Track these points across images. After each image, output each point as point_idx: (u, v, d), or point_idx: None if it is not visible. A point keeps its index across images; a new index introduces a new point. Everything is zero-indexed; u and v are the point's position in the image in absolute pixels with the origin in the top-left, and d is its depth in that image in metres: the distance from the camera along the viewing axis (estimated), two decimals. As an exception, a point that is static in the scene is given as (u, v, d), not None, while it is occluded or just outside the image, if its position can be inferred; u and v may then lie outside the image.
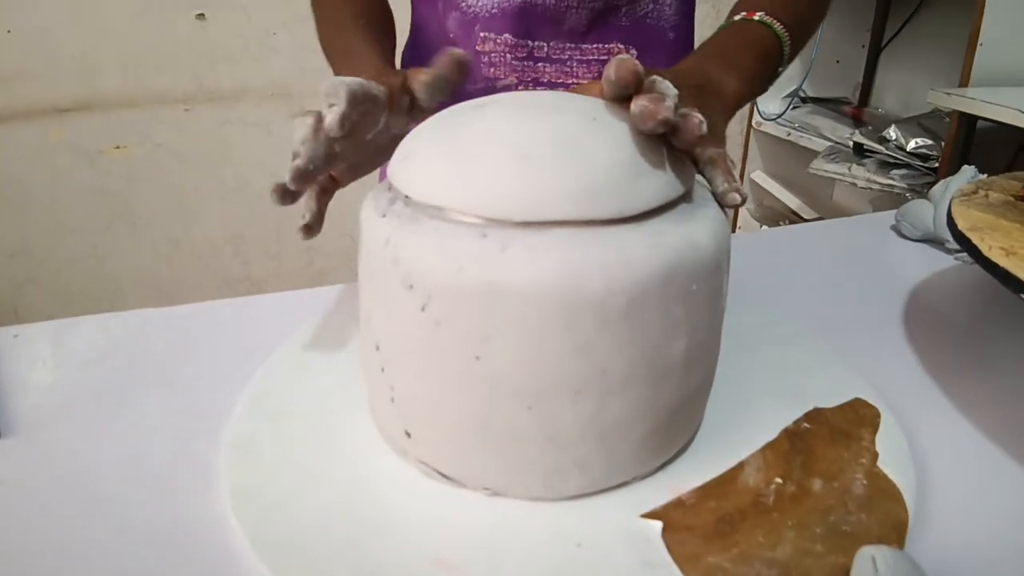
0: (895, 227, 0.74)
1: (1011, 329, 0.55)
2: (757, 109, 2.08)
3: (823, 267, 0.67)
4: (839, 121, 1.87)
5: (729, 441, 0.40)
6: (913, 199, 0.76)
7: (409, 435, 0.37)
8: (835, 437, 0.41)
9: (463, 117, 0.37)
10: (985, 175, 0.68)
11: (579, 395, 0.33)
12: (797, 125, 1.96)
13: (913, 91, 1.91)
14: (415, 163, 0.35)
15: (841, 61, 2.07)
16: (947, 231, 0.53)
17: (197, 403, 0.45)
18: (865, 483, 0.37)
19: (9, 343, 0.51)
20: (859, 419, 0.42)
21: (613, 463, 0.36)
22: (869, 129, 1.68)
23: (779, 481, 0.37)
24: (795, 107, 2.02)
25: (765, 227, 2.09)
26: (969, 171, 0.70)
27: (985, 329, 0.57)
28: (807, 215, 2.00)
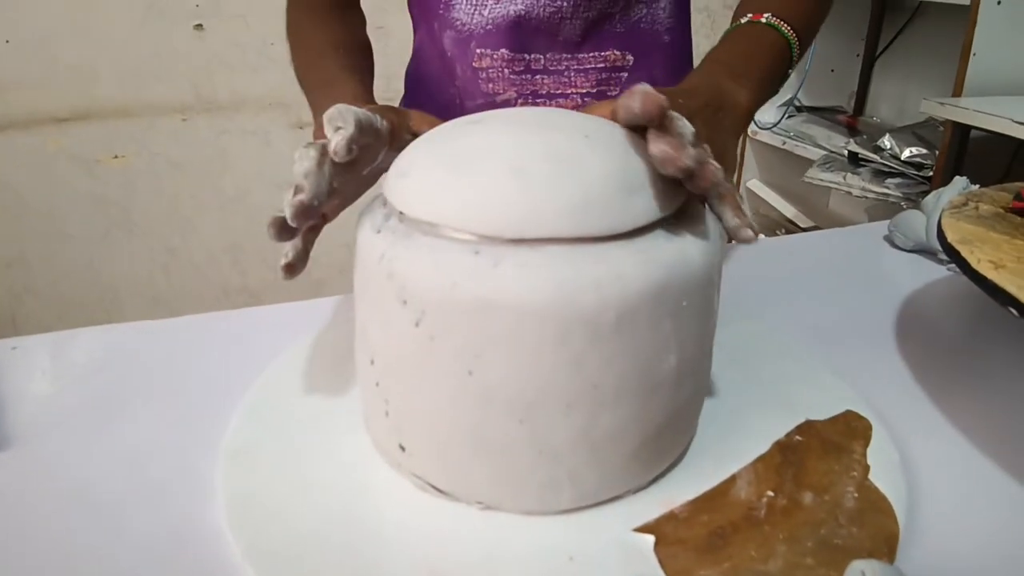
0: (888, 237, 0.75)
1: (1003, 341, 0.56)
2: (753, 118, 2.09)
3: (815, 278, 0.68)
4: (834, 130, 1.88)
5: (721, 454, 0.41)
6: (908, 208, 0.76)
7: (403, 449, 0.37)
8: (827, 450, 0.41)
9: (457, 134, 0.37)
10: (977, 186, 0.68)
11: (571, 409, 0.34)
12: (792, 134, 1.97)
13: (907, 100, 1.93)
14: (409, 180, 0.36)
15: (836, 70, 2.09)
16: (938, 242, 0.54)
17: (194, 415, 0.45)
18: (856, 496, 0.37)
19: (8, 355, 0.52)
20: (851, 432, 0.42)
21: (605, 477, 0.36)
22: (864, 138, 1.69)
23: (771, 494, 0.37)
24: (790, 116, 2.03)
25: (761, 236, 2.10)
26: (961, 182, 0.71)
27: (977, 341, 0.57)
28: (803, 223, 2.01)
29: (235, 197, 1.81)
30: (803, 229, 1.97)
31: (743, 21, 0.56)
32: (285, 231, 0.37)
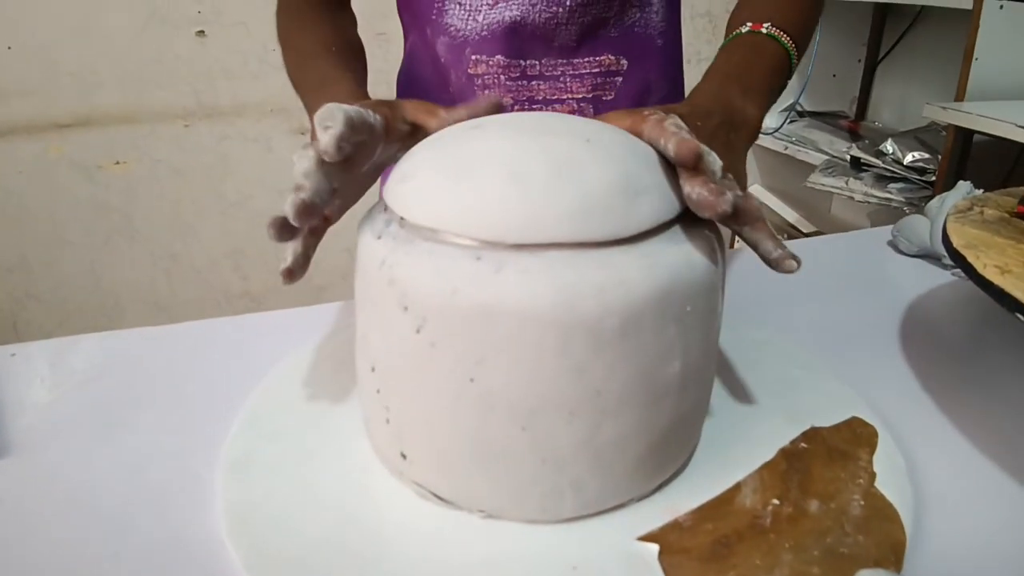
0: (892, 242, 0.75)
1: (1009, 347, 0.55)
2: (754, 123, 2.08)
3: (820, 283, 0.67)
4: (836, 135, 1.88)
5: (726, 461, 0.40)
6: (910, 212, 0.76)
7: (405, 456, 0.37)
8: (832, 457, 0.40)
9: (458, 140, 0.37)
10: (981, 190, 0.68)
11: (574, 416, 0.33)
12: (794, 139, 1.96)
13: (909, 105, 1.92)
14: (410, 185, 0.36)
15: (838, 75, 2.08)
16: (943, 247, 0.53)
17: (194, 422, 0.45)
18: (863, 504, 0.37)
19: (7, 362, 0.51)
20: (856, 438, 0.42)
21: (608, 485, 0.36)
22: (866, 143, 1.69)
23: (776, 502, 0.37)
24: (792, 121, 2.03)
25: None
26: (965, 186, 0.71)
27: (982, 346, 0.57)
28: (805, 228, 2.01)
29: (236, 203, 1.81)
30: (805, 234, 1.97)
31: (744, 30, 0.55)
32: (286, 230, 0.36)
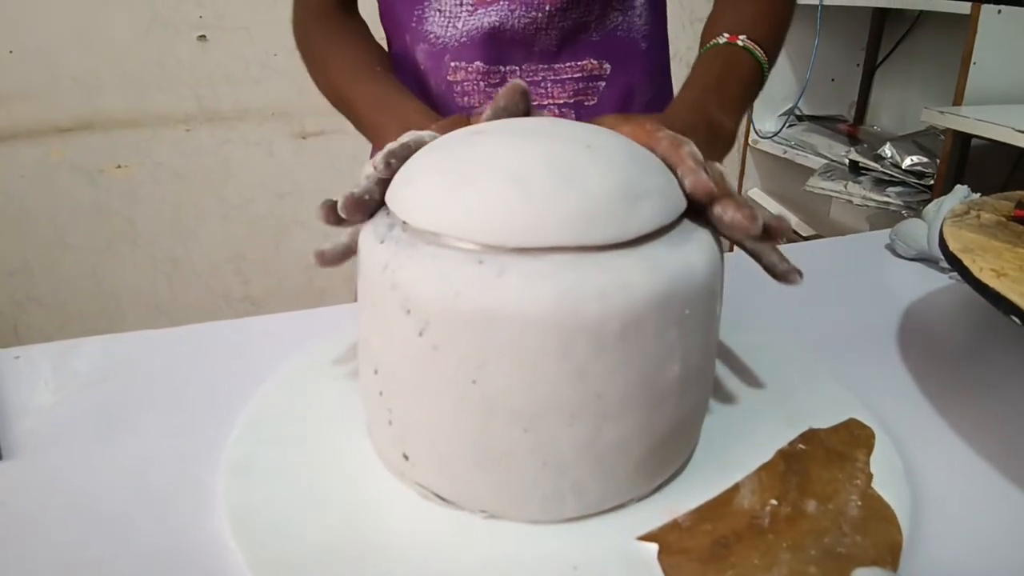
0: (889, 246, 0.75)
1: (1005, 350, 0.56)
2: (753, 127, 2.10)
3: (818, 286, 0.68)
4: (835, 139, 1.89)
5: (725, 463, 0.40)
6: (909, 216, 0.76)
7: (407, 458, 0.37)
8: (830, 458, 0.41)
9: (459, 145, 0.37)
10: (979, 194, 0.68)
11: (575, 419, 0.34)
12: (793, 143, 1.97)
13: (908, 109, 1.93)
14: (413, 190, 0.36)
15: (836, 79, 2.09)
16: (940, 251, 0.54)
17: (197, 425, 0.45)
18: (860, 504, 0.37)
19: (10, 365, 0.52)
20: (854, 440, 0.42)
21: (609, 486, 0.36)
22: (865, 147, 1.70)
23: (774, 503, 0.37)
24: (791, 125, 2.04)
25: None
26: (962, 191, 0.71)
27: (980, 349, 0.57)
28: (804, 232, 2.01)
29: (238, 207, 1.81)
30: (804, 238, 1.97)
31: (721, 41, 0.56)
32: (332, 216, 0.39)
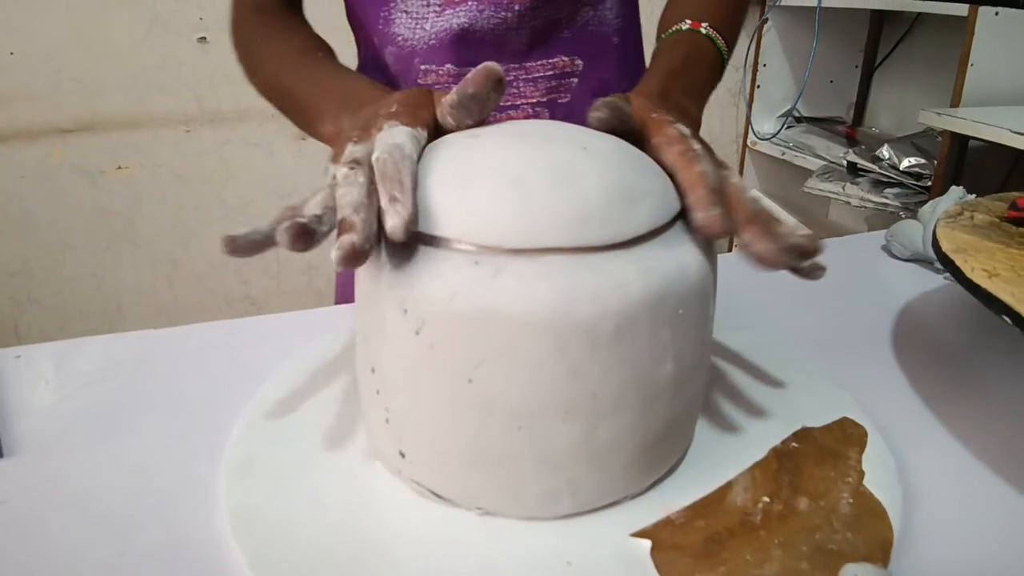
0: (885, 247, 0.75)
1: (997, 349, 0.56)
2: (752, 128, 2.10)
3: (813, 286, 0.68)
4: (833, 140, 1.89)
5: (718, 461, 0.41)
6: (906, 217, 0.77)
7: (404, 456, 0.38)
8: (823, 456, 0.41)
9: (456, 148, 0.38)
10: (974, 195, 0.69)
11: (570, 417, 0.34)
12: (792, 144, 1.97)
13: (906, 111, 1.94)
14: (410, 191, 0.36)
15: (835, 81, 2.10)
16: (933, 251, 0.54)
17: (198, 424, 0.45)
18: (852, 502, 0.38)
19: (11, 364, 0.52)
20: (847, 438, 0.43)
21: (604, 483, 0.37)
22: (863, 148, 1.70)
23: (767, 500, 0.38)
24: (789, 127, 2.04)
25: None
26: (957, 192, 0.71)
27: (972, 349, 0.58)
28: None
29: (238, 208, 1.82)
30: (803, 239, 1.98)
31: (684, 27, 0.56)
32: (301, 241, 0.32)
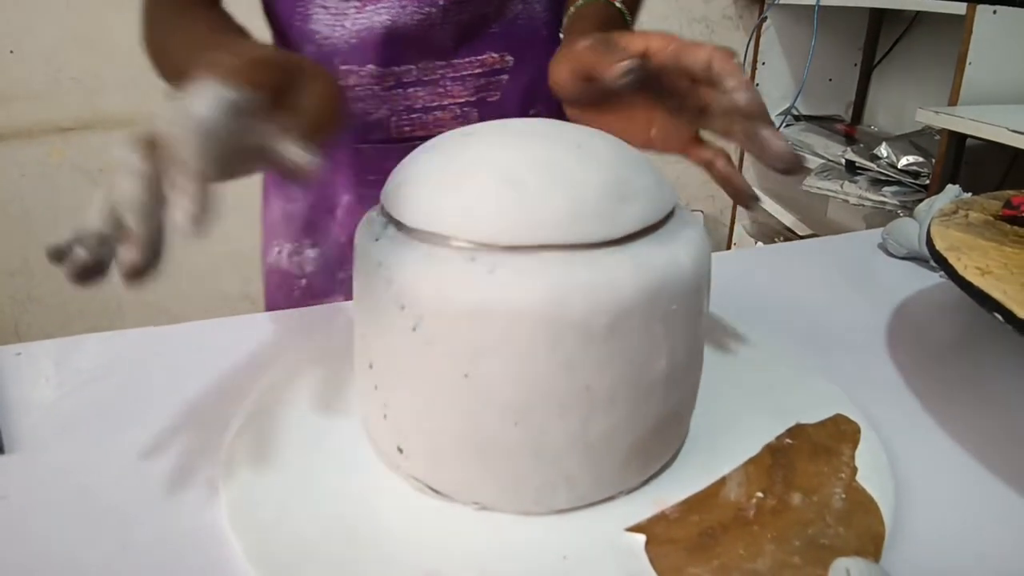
0: (882, 245, 0.76)
1: (991, 347, 0.57)
2: (751, 127, 2.10)
3: (809, 284, 0.69)
4: (832, 139, 1.90)
5: (712, 456, 0.41)
6: (904, 215, 0.77)
7: (401, 451, 0.38)
8: (816, 452, 0.42)
9: (451, 146, 0.38)
10: (970, 194, 0.69)
11: (565, 412, 0.34)
12: (790, 143, 1.97)
13: (904, 109, 1.94)
14: (407, 190, 0.37)
15: (833, 80, 2.10)
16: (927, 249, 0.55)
17: (197, 420, 0.46)
18: (844, 497, 0.38)
19: (12, 361, 0.53)
20: (840, 434, 0.43)
21: (599, 478, 0.37)
22: (861, 147, 1.70)
23: (760, 495, 0.38)
24: (788, 125, 2.05)
25: (760, 244, 2.11)
26: (953, 190, 0.72)
27: (966, 346, 0.58)
28: (801, 231, 2.02)
29: (235, 205, 1.81)
30: (801, 237, 1.98)
31: None
32: (83, 283, 0.26)
